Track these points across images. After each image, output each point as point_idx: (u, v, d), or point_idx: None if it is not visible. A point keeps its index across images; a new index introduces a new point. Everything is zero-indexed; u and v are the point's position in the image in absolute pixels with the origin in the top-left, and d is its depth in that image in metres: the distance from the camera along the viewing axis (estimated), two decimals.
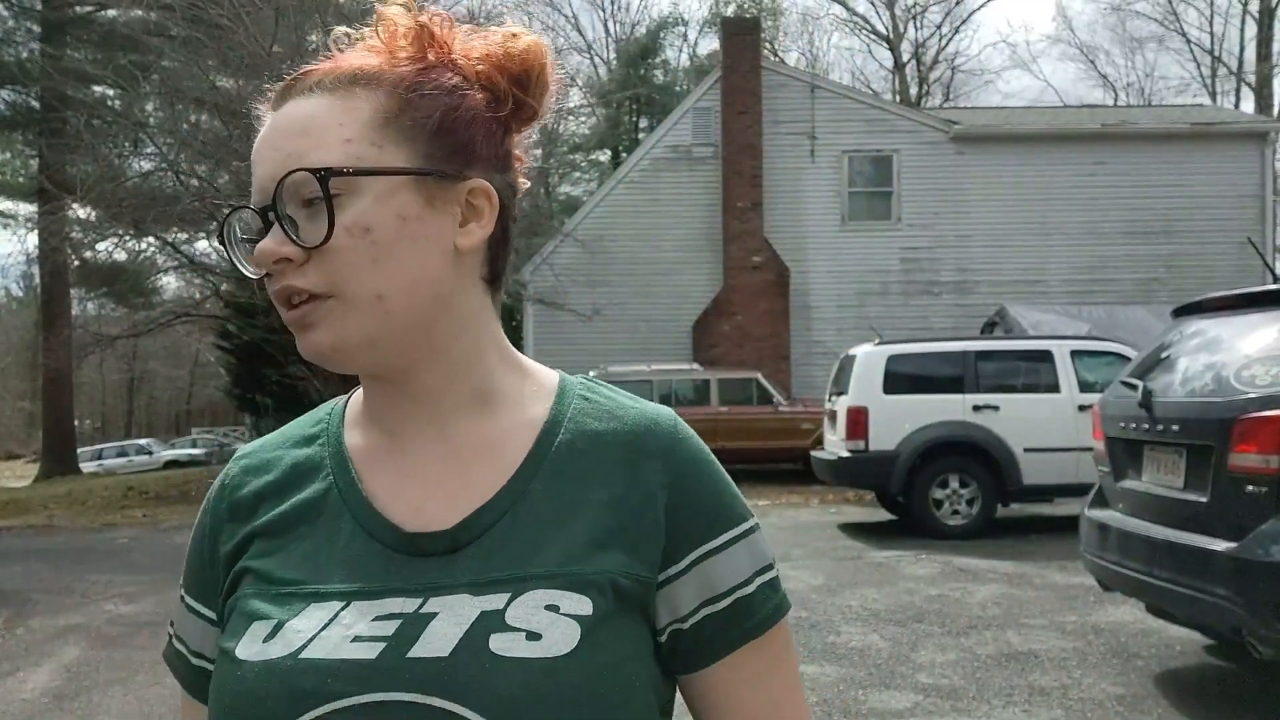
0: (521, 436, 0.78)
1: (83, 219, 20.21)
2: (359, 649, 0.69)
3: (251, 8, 15.71)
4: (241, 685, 0.70)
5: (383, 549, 0.74)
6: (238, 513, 0.80)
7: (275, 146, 0.73)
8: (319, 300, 0.72)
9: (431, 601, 0.70)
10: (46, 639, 6.35)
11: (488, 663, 0.67)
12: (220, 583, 0.79)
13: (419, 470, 0.77)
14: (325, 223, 0.70)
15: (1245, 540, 3.72)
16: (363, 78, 0.75)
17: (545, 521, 0.74)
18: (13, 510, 15.52)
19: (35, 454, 36.16)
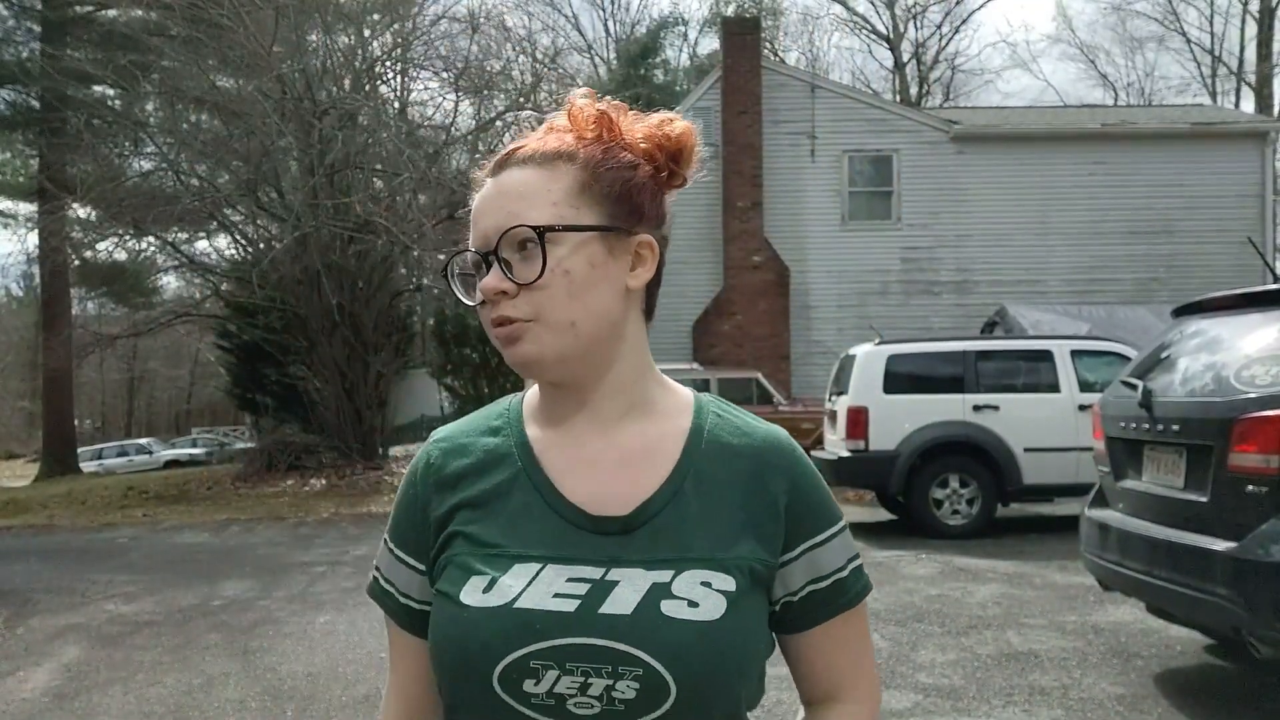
0: (671, 443, 0.99)
1: (83, 219, 20.22)
2: (560, 603, 0.90)
3: (251, 8, 15.71)
4: (467, 624, 0.91)
5: (567, 525, 0.94)
6: (444, 486, 1.00)
7: (498, 206, 0.95)
8: (525, 324, 0.93)
9: (613, 571, 0.91)
10: (46, 639, 6.35)
11: (660, 621, 0.89)
12: (431, 542, 0.99)
13: (590, 463, 0.97)
14: (537, 265, 0.91)
15: (1245, 540, 3.72)
16: (563, 155, 0.96)
17: (695, 515, 0.95)
18: (13, 510, 15.52)
19: (35, 454, 36.17)
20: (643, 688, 0.88)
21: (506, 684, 0.89)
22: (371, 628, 6.24)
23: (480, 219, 0.96)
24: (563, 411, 1.00)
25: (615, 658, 0.88)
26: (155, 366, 48.00)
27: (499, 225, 0.93)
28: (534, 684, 0.89)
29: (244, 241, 18.80)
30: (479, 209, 0.97)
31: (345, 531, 11.07)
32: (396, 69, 19.92)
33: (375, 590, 1.05)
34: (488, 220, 0.95)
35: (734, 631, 0.91)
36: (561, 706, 0.89)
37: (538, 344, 0.93)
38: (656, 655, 0.88)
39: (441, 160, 18.21)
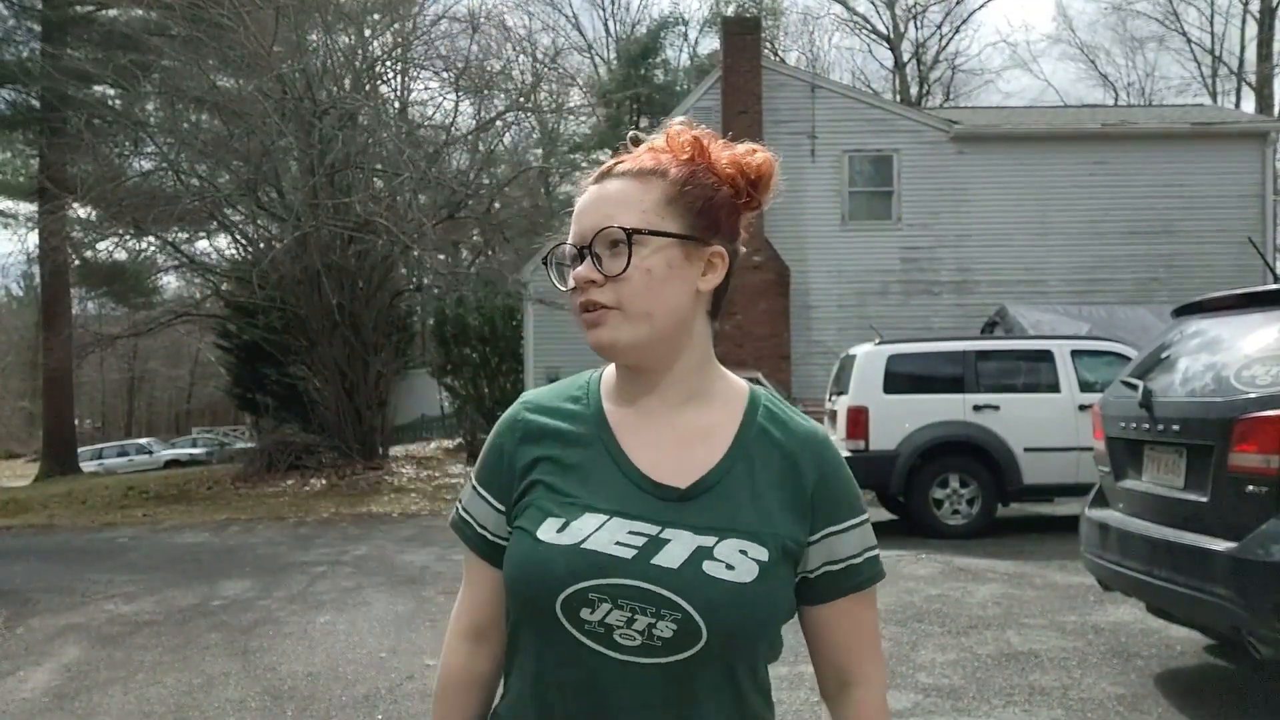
0: (727, 428, 1.15)
1: (83, 219, 20.21)
2: (619, 549, 1.06)
3: (251, 8, 15.70)
4: (541, 556, 1.07)
5: (633, 487, 1.10)
6: (529, 439, 1.17)
7: (597, 209, 1.11)
8: (608, 310, 1.09)
9: (667, 531, 1.08)
10: (46, 639, 6.35)
11: (701, 578, 1.05)
12: (514, 486, 1.16)
13: (656, 437, 1.13)
14: (623, 261, 1.08)
15: (1245, 540, 3.72)
16: (656, 172, 1.12)
17: (741, 492, 1.11)
18: (13, 510, 15.52)
19: (35, 454, 36.16)
20: (679, 630, 1.04)
21: (566, 610, 1.06)
22: (371, 628, 6.25)
23: (580, 218, 1.12)
24: (635, 391, 1.16)
25: (660, 601, 1.04)
26: (155, 366, 47.99)
27: (595, 225, 1.10)
28: (589, 613, 1.05)
29: (244, 241, 18.80)
30: (581, 209, 1.13)
31: (345, 531, 11.07)
32: (396, 69, 19.93)
33: (456, 521, 1.24)
34: (586, 220, 1.11)
35: (762, 594, 1.07)
36: (609, 635, 1.05)
37: (616, 330, 1.09)
38: (695, 605, 1.04)
39: (441, 160, 18.21)
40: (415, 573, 8.15)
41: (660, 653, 1.04)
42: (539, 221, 19.38)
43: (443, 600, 7.01)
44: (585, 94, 30.49)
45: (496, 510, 1.18)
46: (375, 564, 8.73)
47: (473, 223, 18.55)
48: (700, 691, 1.07)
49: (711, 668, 1.06)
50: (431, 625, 6.26)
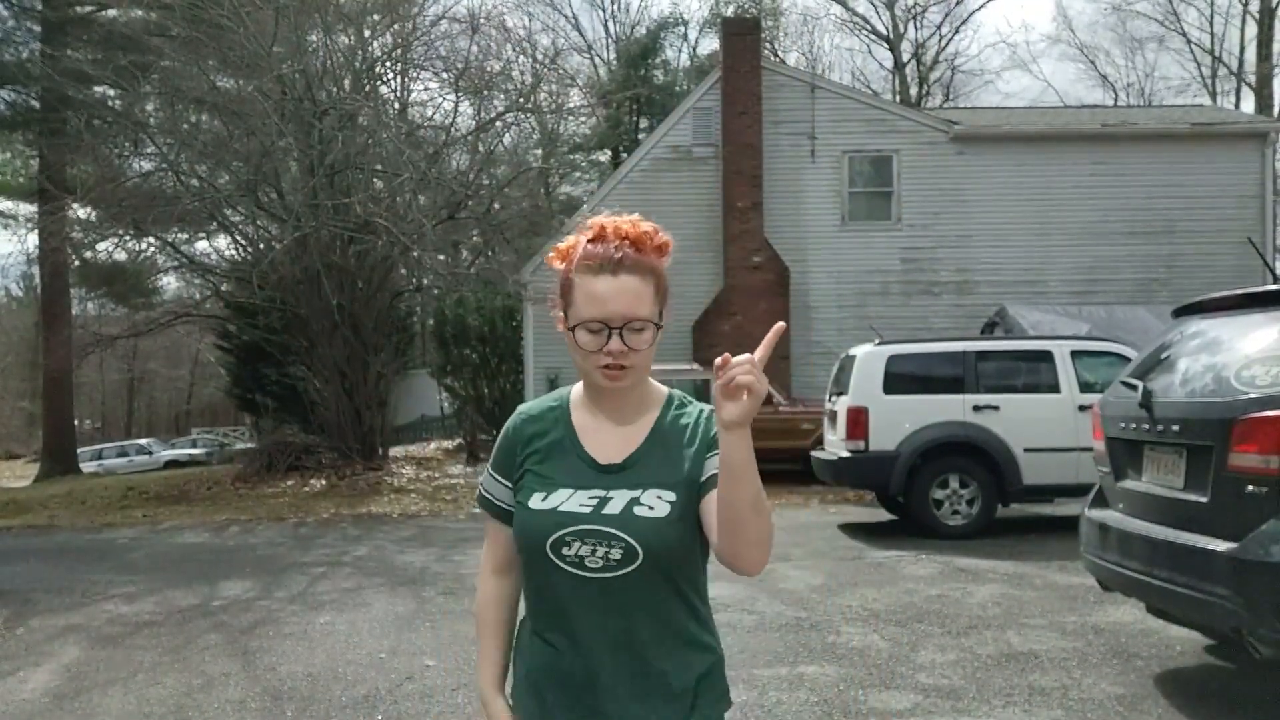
0: (649, 421, 1.67)
1: (83, 219, 20.19)
2: (581, 508, 1.59)
3: (251, 8, 15.70)
4: (533, 518, 1.61)
5: (587, 467, 1.63)
6: (522, 438, 1.70)
7: (623, 300, 1.55)
8: (628, 369, 1.58)
9: (611, 491, 1.60)
10: (46, 639, 6.35)
11: (632, 516, 1.57)
12: (515, 470, 1.68)
13: (606, 433, 1.65)
14: (645, 339, 1.57)
15: (1245, 540, 3.72)
16: (650, 271, 1.59)
17: (655, 460, 1.63)
18: (13, 510, 15.51)
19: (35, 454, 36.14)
20: (624, 553, 1.56)
21: (554, 549, 1.58)
22: (371, 628, 6.24)
23: (609, 303, 1.54)
24: (601, 405, 1.67)
25: (610, 537, 1.57)
26: (155, 367, 47.99)
27: (625, 314, 1.55)
28: (567, 550, 1.58)
29: (244, 242, 18.79)
30: (607, 294, 1.55)
31: (345, 532, 11.07)
32: (396, 69, 19.91)
33: (481, 498, 1.76)
34: (616, 307, 1.54)
35: (674, 524, 1.58)
36: (581, 562, 1.57)
37: (629, 378, 1.60)
38: (630, 534, 1.56)
39: (441, 160, 18.20)
40: (415, 573, 8.15)
41: (615, 568, 1.57)
42: (539, 222, 19.37)
43: (442, 600, 7.01)
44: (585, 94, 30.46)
45: (505, 487, 1.71)
46: (375, 564, 8.73)
47: (473, 223, 18.52)
48: (642, 595, 1.59)
49: (651, 578, 1.58)
50: (431, 626, 6.26)
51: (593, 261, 1.56)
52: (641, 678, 1.60)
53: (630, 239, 1.58)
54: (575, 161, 32.59)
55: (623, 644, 1.59)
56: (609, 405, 1.66)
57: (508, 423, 1.73)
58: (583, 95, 29.59)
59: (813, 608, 6.38)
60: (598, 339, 1.55)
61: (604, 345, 1.55)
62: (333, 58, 17.39)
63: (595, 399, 1.67)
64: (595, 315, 1.54)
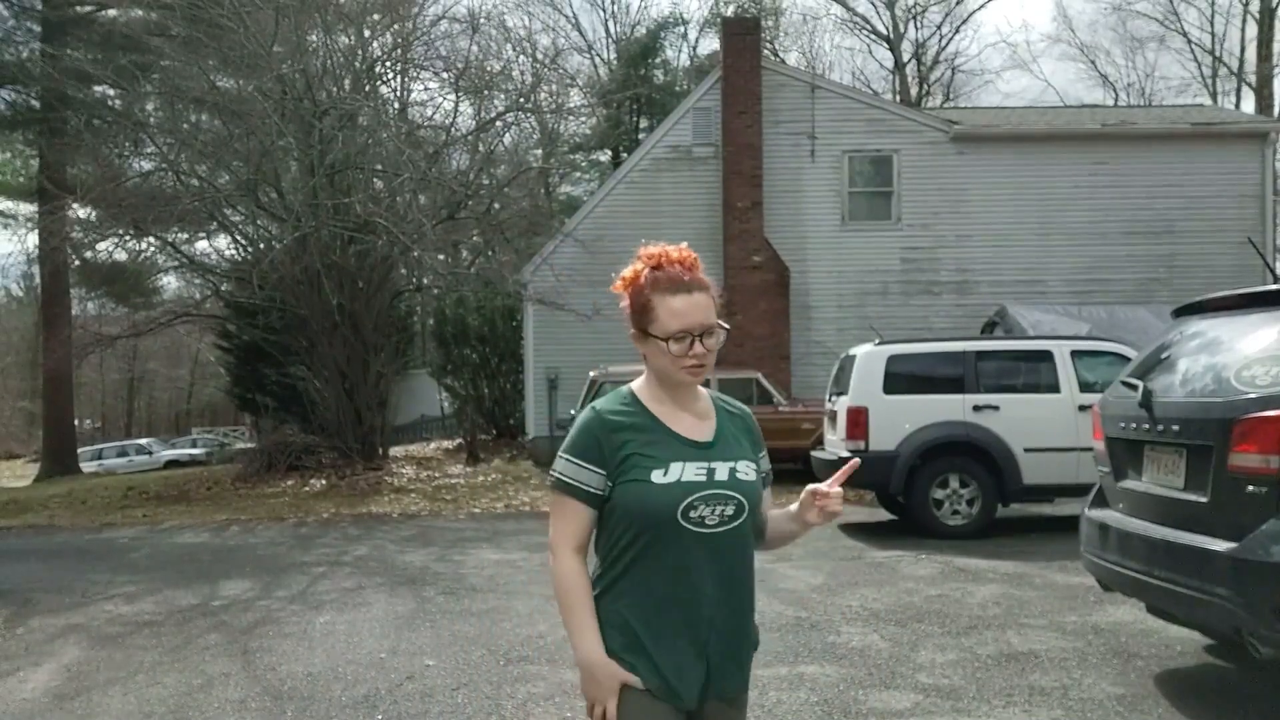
0: (711, 411, 2.05)
1: (83, 219, 20.19)
2: (697, 476, 1.93)
3: (251, 8, 15.70)
4: (660, 491, 1.90)
5: (687, 446, 1.96)
6: (611, 429, 1.95)
7: (702, 311, 1.95)
8: (705, 367, 1.96)
9: (714, 463, 1.96)
10: (46, 639, 6.35)
11: (737, 480, 1.97)
12: (615, 457, 1.93)
13: (683, 420, 2.00)
14: (716, 341, 1.98)
15: (1245, 540, 3.72)
16: (708, 287, 1.99)
17: (732, 440, 2.03)
18: (13, 510, 15.51)
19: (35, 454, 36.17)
20: (735, 509, 1.94)
21: (684, 515, 1.90)
22: (371, 628, 6.25)
23: (692, 314, 1.93)
24: (670, 397, 2.01)
25: (724, 498, 1.93)
26: (155, 366, 48.04)
27: (704, 324, 1.94)
28: (694, 512, 1.91)
29: (244, 241, 18.79)
30: (688, 310, 1.94)
31: (345, 532, 11.07)
32: (396, 69, 19.90)
33: (560, 484, 1.97)
34: (696, 318, 1.93)
35: (759, 486, 2.04)
36: (703, 521, 1.91)
37: (705, 373, 1.96)
38: (740, 494, 1.95)
39: (441, 160, 18.20)
40: (415, 573, 8.15)
41: (729, 523, 1.94)
42: (539, 222, 19.36)
43: (442, 600, 7.01)
44: (585, 94, 30.49)
45: (598, 474, 1.94)
46: (375, 564, 8.73)
47: (473, 223, 18.53)
48: (742, 542, 1.99)
49: (746, 529, 1.98)
50: (431, 626, 6.26)
51: (670, 284, 1.95)
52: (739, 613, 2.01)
53: (687, 263, 1.99)
54: (575, 161, 32.57)
55: (731, 583, 1.96)
56: (680, 397, 2.01)
57: (587, 419, 1.98)
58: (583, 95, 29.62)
59: (813, 607, 6.38)
60: (684, 345, 1.93)
61: (689, 350, 1.93)
62: (333, 58, 17.39)
63: (668, 393, 2.01)
64: (682, 327, 1.93)
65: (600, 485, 1.94)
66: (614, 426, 1.94)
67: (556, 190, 31.75)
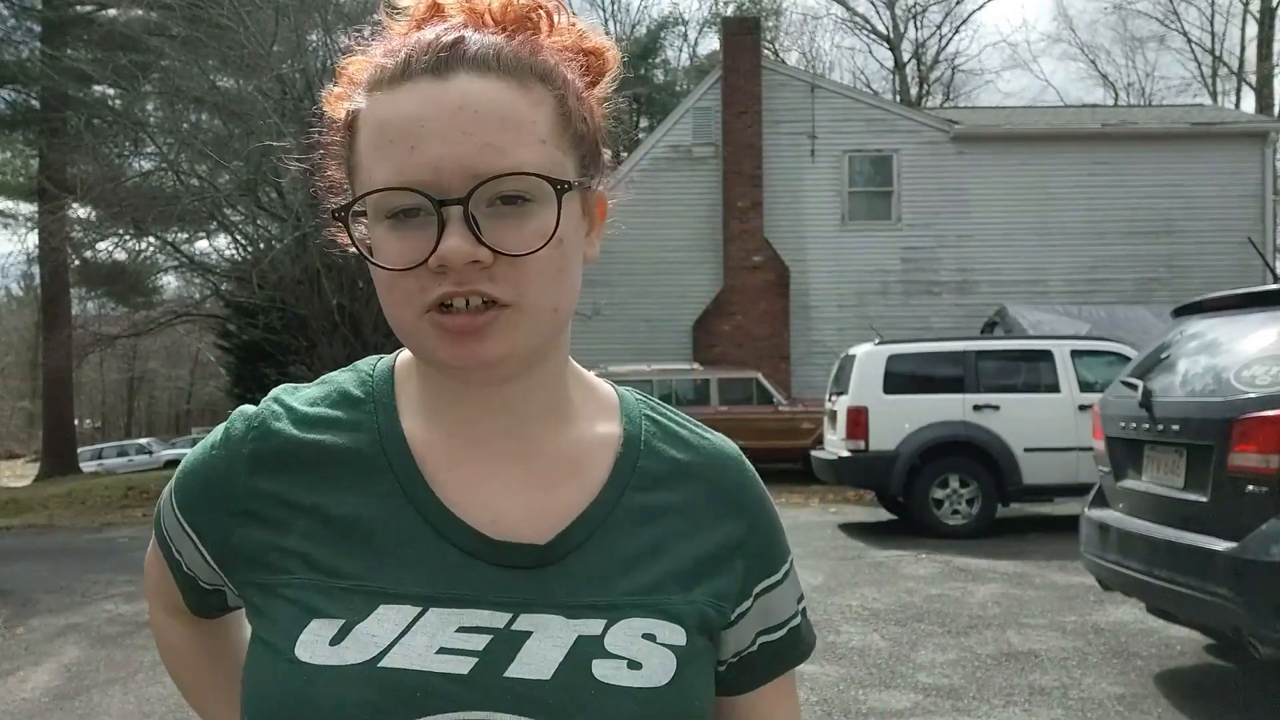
0: (600, 454, 0.76)
1: (83, 219, 20.20)
2: (448, 662, 0.65)
3: (251, 7, 15.71)
4: (311, 691, 0.65)
5: (460, 554, 0.69)
6: (270, 465, 0.73)
7: (464, 130, 0.64)
8: (499, 309, 0.66)
9: (522, 619, 0.68)
10: (46, 639, 6.34)
11: (594, 689, 0.66)
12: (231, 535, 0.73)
13: (494, 475, 0.73)
14: (532, 229, 0.66)
15: (1245, 540, 3.72)
16: (539, 71, 0.69)
17: (632, 546, 0.73)
18: (13, 510, 15.51)
19: (35, 453, 36.17)
20: None
21: None
22: None
23: (424, 142, 0.64)
24: (458, 406, 0.73)
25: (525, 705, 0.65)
26: (155, 366, 48.01)
27: (472, 165, 0.64)
28: None
29: (244, 241, 18.79)
30: (423, 126, 0.65)
31: None
32: None
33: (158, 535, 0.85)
34: (447, 149, 0.64)
35: (684, 699, 0.70)
36: None
37: (510, 339, 0.67)
38: None
39: None
40: None
41: None
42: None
43: None
44: None
45: (204, 560, 0.77)
46: None
47: None
48: None
49: None
50: None
51: (387, 60, 0.68)
52: None
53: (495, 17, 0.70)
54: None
55: None
56: (485, 417, 0.74)
57: (243, 414, 0.77)
58: None
59: (813, 607, 6.37)
60: (413, 240, 0.65)
61: (427, 255, 0.64)
62: (333, 58, 17.38)
63: (454, 408, 0.74)
64: (393, 173, 0.65)
65: (209, 577, 0.79)
66: (276, 456, 0.73)
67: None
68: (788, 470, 13.85)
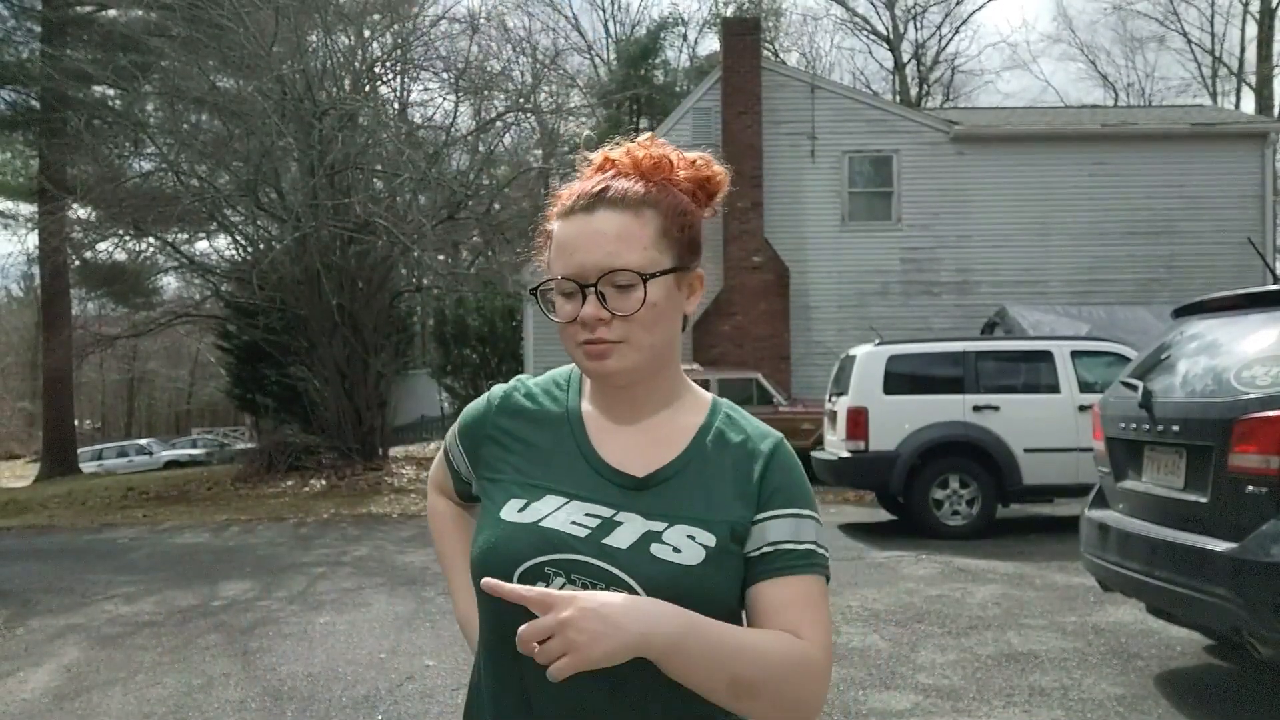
0: (686, 432, 1.22)
1: (83, 219, 20.20)
2: (575, 528, 1.14)
3: (251, 8, 15.70)
4: (502, 535, 1.15)
5: (595, 476, 1.18)
6: (507, 412, 1.27)
7: (598, 245, 1.13)
8: (613, 344, 1.14)
9: (620, 514, 1.15)
10: (46, 639, 6.35)
11: (647, 558, 1.12)
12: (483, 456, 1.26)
13: (623, 435, 1.22)
14: (635, 301, 1.12)
15: (1245, 540, 3.72)
16: (647, 201, 1.15)
17: (693, 485, 1.18)
18: (13, 510, 15.52)
19: (35, 454, 36.14)
20: None
21: (524, 582, 1.10)
22: (371, 628, 6.24)
23: (578, 252, 1.13)
24: (614, 397, 1.23)
25: (609, 578, 1.11)
26: (155, 367, 47.99)
27: (601, 264, 1.12)
28: (543, 586, 1.09)
29: (244, 242, 18.80)
30: (576, 241, 1.14)
31: (345, 532, 11.06)
32: (396, 69, 19.90)
33: (444, 452, 1.39)
34: (587, 256, 1.13)
35: (706, 577, 1.12)
36: None
37: (622, 361, 1.15)
38: (640, 582, 1.10)
39: (441, 161, 18.20)
40: (415, 573, 8.15)
41: None
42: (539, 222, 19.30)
43: (442, 600, 7.00)
44: (585, 95, 30.47)
45: (465, 462, 1.32)
46: (375, 564, 8.73)
47: (473, 223, 18.53)
48: (641, 665, 1.03)
49: None
50: (431, 626, 6.25)
51: (568, 200, 1.17)
52: None
53: (637, 166, 1.17)
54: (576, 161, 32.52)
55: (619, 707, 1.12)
56: (620, 404, 1.22)
57: (495, 389, 1.31)
58: (583, 96, 29.60)
59: None
60: (571, 304, 1.14)
61: (578, 312, 1.13)
62: (333, 58, 17.40)
63: (603, 398, 1.23)
64: (562, 270, 1.13)
65: (466, 474, 1.32)
66: (512, 410, 1.26)
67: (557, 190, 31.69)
68: None
